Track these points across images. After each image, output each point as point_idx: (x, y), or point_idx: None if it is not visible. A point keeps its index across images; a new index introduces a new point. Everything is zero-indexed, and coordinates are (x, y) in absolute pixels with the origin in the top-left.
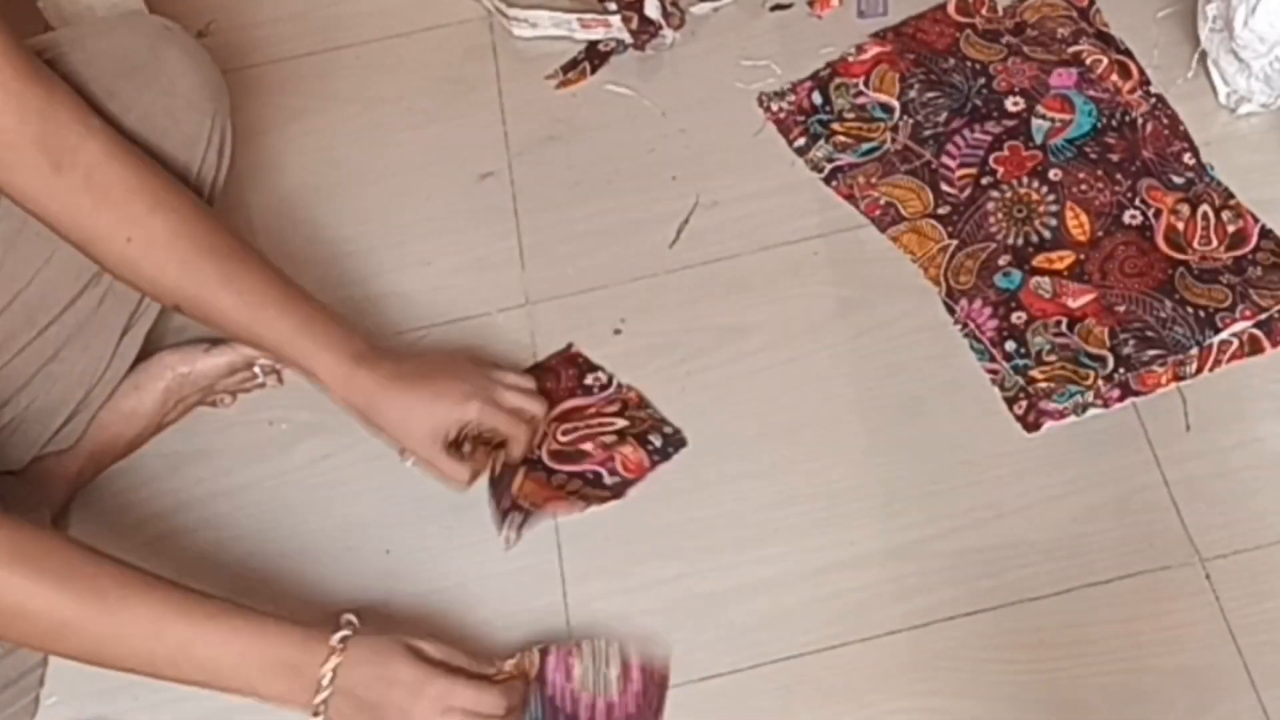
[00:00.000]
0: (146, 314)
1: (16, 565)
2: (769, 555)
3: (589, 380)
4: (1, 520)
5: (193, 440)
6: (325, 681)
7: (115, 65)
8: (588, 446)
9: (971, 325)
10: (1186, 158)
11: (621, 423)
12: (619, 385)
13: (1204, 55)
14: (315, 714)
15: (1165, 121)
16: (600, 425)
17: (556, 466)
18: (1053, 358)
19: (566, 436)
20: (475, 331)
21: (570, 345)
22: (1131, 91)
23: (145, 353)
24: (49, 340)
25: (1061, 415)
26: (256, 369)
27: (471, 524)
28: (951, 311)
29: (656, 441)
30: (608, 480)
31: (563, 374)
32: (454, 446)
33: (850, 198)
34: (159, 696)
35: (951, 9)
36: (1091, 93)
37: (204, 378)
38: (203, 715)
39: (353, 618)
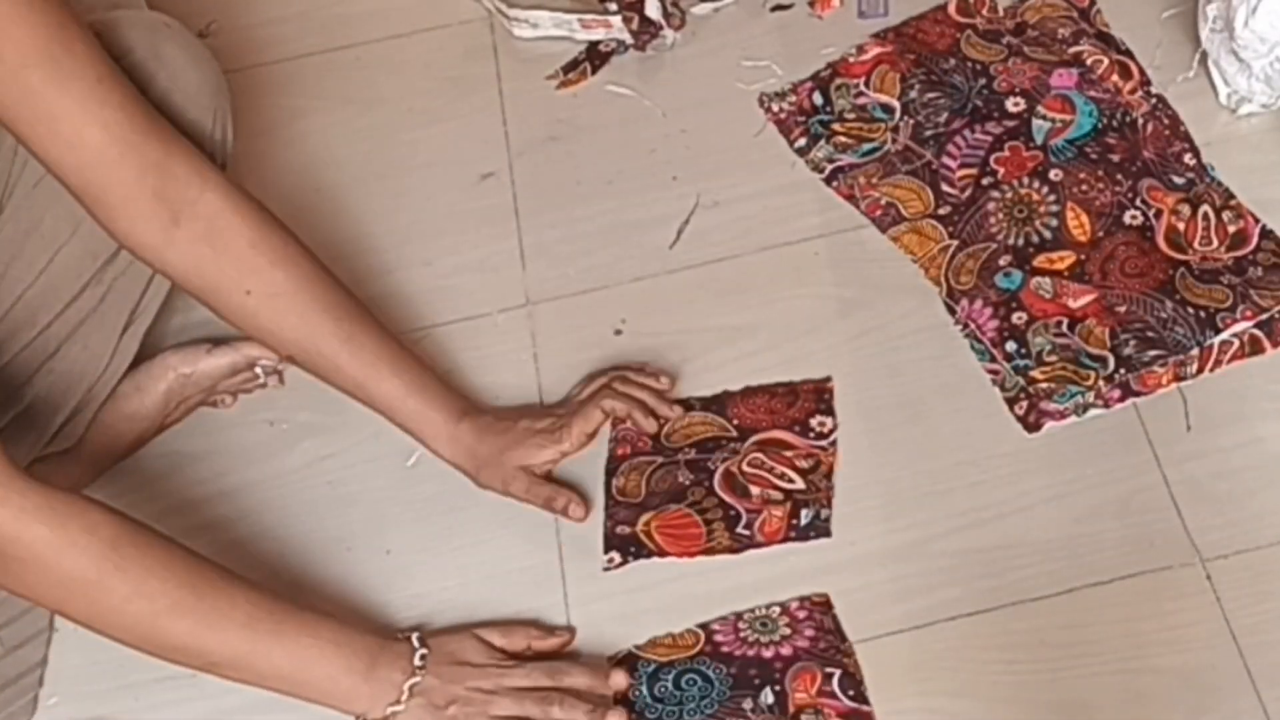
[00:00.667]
0: (146, 311)
1: (129, 550)
2: (770, 555)
3: (815, 422)
4: (112, 514)
5: (193, 441)
6: (405, 694)
7: (116, 62)
8: (755, 489)
9: (972, 325)
10: (1187, 158)
11: (799, 484)
12: (834, 442)
13: (1204, 55)
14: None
15: (1166, 122)
16: (781, 476)
17: (721, 493)
18: (1053, 358)
19: (751, 468)
20: (475, 332)
21: (830, 378)
22: (1132, 92)
23: (147, 354)
24: (50, 338)
25: (1062, 415)
26: (258, 369)
27: (471, 524)
28: (952, 312)
29: (804, 519)
30: (741, 530)
31: (798, 401)
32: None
33: (851, 198)
34: (159, 698)
35: (952, 9)
36: (1092, 93)
37: (206, 378)
38: (204, 715)
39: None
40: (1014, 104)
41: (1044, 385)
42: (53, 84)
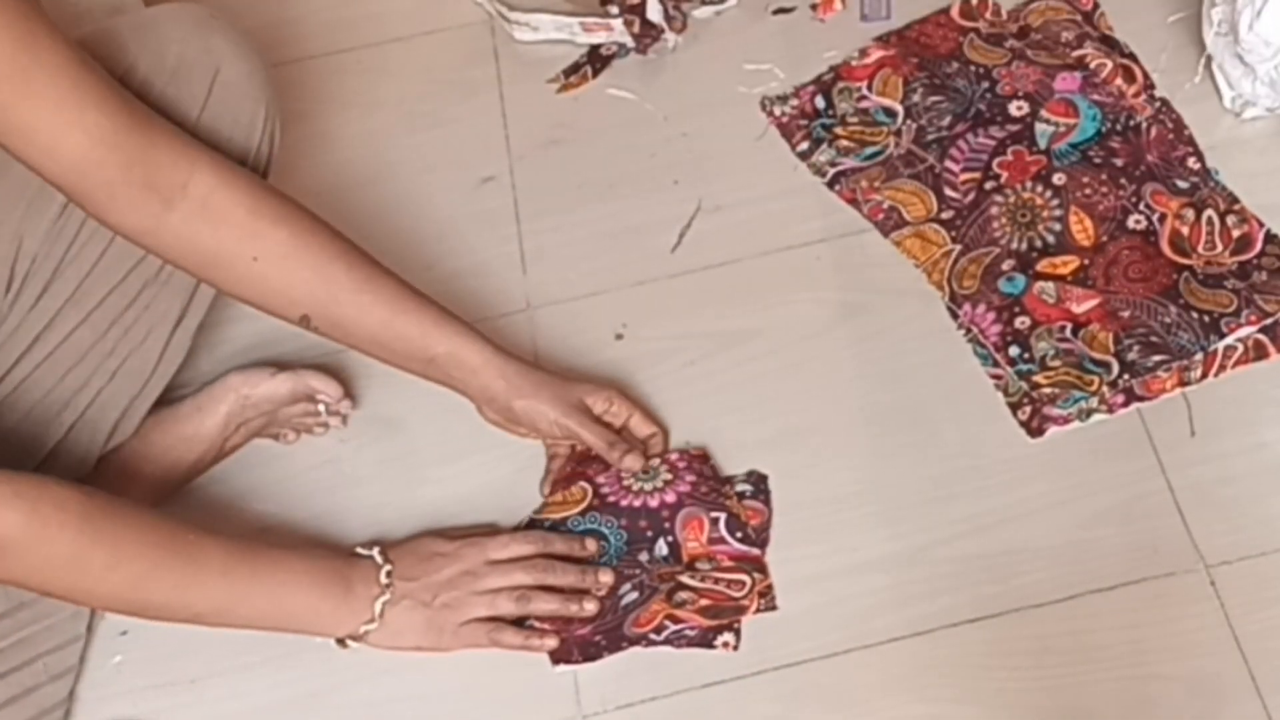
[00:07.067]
0: (198, 305)
1: (100, 521)
2: (771, 561)
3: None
4: (77, 488)
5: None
6: (378, 613)
7: (176, 61)
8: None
9: (975, 330)
10: (1191, 162)
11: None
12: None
13: (1209, 60)
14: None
15: (1170, 126)
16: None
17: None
18: (1057, 363)
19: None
20: None
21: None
22: (1136, 95)
23: (211, 377)
24: (106, 335)
25: (1066, 421)
26: (320, 406)
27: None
28: (955, 316)
29: (747, 488)
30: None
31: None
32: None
33: (853, 202)
34: (180, 699)
35: (955, 13)
36: (1096, 97)
37: (266, 402)
38: (229, 715)
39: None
40: (1017, 108)
41: (1047, 390)
42: (24, 97)
